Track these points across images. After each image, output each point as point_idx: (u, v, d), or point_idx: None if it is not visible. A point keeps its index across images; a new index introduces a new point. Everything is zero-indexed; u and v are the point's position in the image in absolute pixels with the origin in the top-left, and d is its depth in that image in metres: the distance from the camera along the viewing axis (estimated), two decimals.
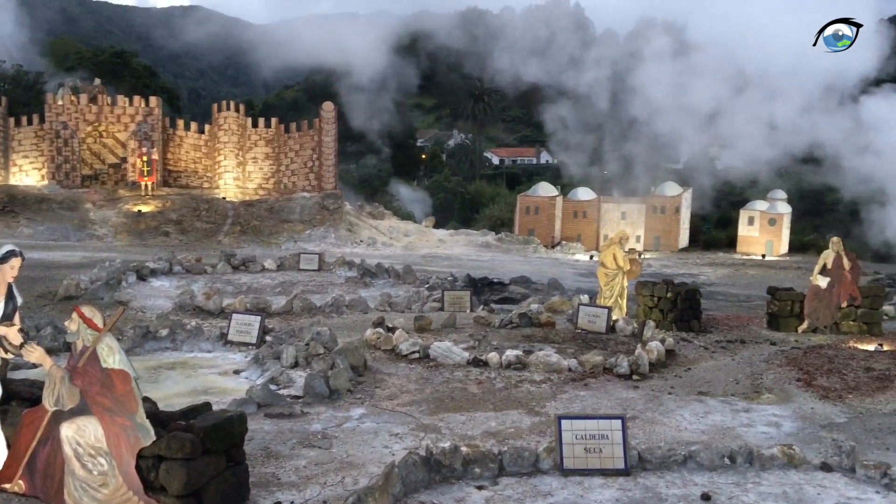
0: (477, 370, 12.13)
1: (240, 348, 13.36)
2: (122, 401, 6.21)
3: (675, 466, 7.90)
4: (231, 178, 41.32)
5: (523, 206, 48.09)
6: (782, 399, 11.07)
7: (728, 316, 19.29)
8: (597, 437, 7.85)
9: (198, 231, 37.26)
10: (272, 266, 25.62)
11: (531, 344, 14.26)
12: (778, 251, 44.95)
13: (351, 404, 10.13)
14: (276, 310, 17.62)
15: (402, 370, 12.12)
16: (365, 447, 8.46)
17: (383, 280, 24.16)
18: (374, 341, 13.62)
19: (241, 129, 41.65)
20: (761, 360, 13.61)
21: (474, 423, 9.56)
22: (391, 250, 36.71)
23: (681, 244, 47.72)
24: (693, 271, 33.99)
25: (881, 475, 7.63)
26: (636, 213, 47.98)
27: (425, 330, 15.16)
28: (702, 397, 11.07)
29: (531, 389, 11.22)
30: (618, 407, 10.33)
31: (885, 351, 14.65)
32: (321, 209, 39.86)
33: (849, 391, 11.49)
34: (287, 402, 10.08)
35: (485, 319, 16.26)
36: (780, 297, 17.19)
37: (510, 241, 41.64)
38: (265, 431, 8.82)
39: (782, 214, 45.81)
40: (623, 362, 12.23)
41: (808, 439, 9.24)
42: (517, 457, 7.77)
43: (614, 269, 17.30)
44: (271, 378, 11.04)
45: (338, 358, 11.21)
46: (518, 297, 21.53)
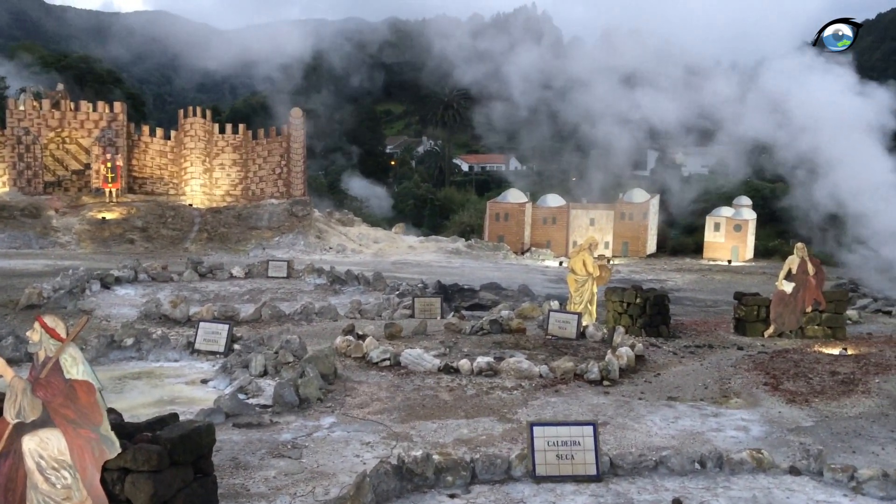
0: (448, 377, 12.09)
1: (207, 357, 13.17)
2: (86, 412, 6.06)
3: (646, 472, 7.93)
4: (198, 185, 40.85)
5: (493, 212, 48.21)
6: (750, 403, 11.19)
7: (696, 321, 19.49)
8: (569, 443, 7.85)
9: (164, 238, 36.75)
10: (240, 274, 25.35)
11: (502, 350, 14.26)
12: (743, 257, 45.61)
13: (321, 413, 10.02)
14: (244, 318, 17.42)
15: (373, 378, 12.03)
16: (335, 456, 8.37)
17: (353, 287, 24.02)
18: (345, 349, 13.51)
19: (208, 135, 41.21)
20: (729, 364, 13.76)
21: (446, 430, 9.51)
22: (361, 257, 36.54)
23: (649, 250, 48.19)
24: (661, 277, 34.33)
25: (848, 478, 7.73)
26: (605, 220, 48.37)
27: (396, 337, 15.09)
28: (671, 402, 11.15)
29: (503, 396, 11.20)
30: (589, 413, 10.36)
31: (850, 355, 14.89)
32: (290, 216, 39.55)
33: (815, 395, 11.65)
34: (256, 411, 9.95)
35: (455, 326, 16.23)
36: (746, 302, 17.41)
37: (480, 248, 41.69)
38: (234, 442, 8.68)
39: (747, 220, 46.51)
40: (593, 368, 12.27)
41: (776, 443, 9.34)
42: (489, 464, 7.74)
43: (584, 276, 17.39)
44: (240, 387, 10.89)
45: (307, 366, 11.09)
46: (488, 303, 21.53)
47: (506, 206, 47.93)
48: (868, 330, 18.55)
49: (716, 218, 47.33)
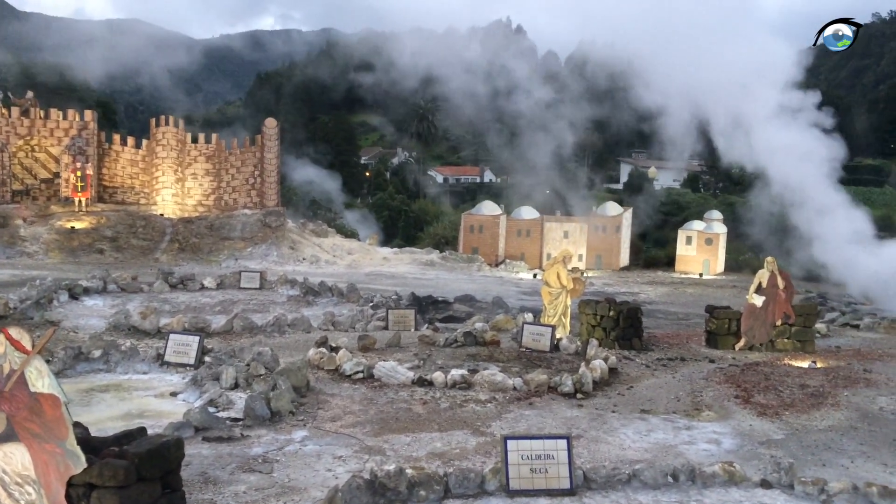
0: (422, 390, 12.03)
1: (177, 369, 12.97)
2: (51, 426, 5.93)
3: (619, 486, 7.93)
4: (169, 195, 40.41)
5: (467, 224, 48.27)
6: (722, 416, 11.26)
7: (668, 334, 19.62)
8: (542, 457, 7.83)
9: (134, 248, 36.27)
10: (212, 284, 25.09)
11: (476, 363, 14.23)
12: (714, 270, 46.09)
13: (293, 426, 9.90)
14: (215, 329, 17.20)
15: (346, 391, 11.93)
16: (307, 471, 8.27)
17: (326, 299, 23.87)
18: (317, 361, 13.39)
19: (181, 144, 40.82)
20: (701, 377, 13.85)
21: (419, 444, 9.45)
22: (335, 268, 36.35)
23: (622, 263, 48.52)
24: (634, 290, 34.56)
25: (819, 491, 7.79)
26: (578, 233, 48.63)
27: (369, 349, 14.99)
28: (644, 415, 11.18)
29: (476, 409, 11.16)
30: (562, 426, 10.35)
31: (819, 368, 15.07)
32: (263, 226, 39.26)
33: (785, 408, 11.75)
34: (226, 424, 9.80)
35: (429, 338, 16.17)
36: (717, 315, 17.57)
37: (454, 260, 41.68)
38: (203, 456, 8.54)
39: (718, 234, 47.03)
40: (567, 381, 12.28)
41: (747, 456, 9.40)
42: (463, 478, 7.69)
43: (558, 288, 17.44)
44: (210, 400, 10.74)
45: (279, 379, 10.97)
46: (463, 315, 21.51)
47: (480, 219, 48.01)
48: (836, 343, 18.80)
49: (687, 231, 47.81)
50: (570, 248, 40.06)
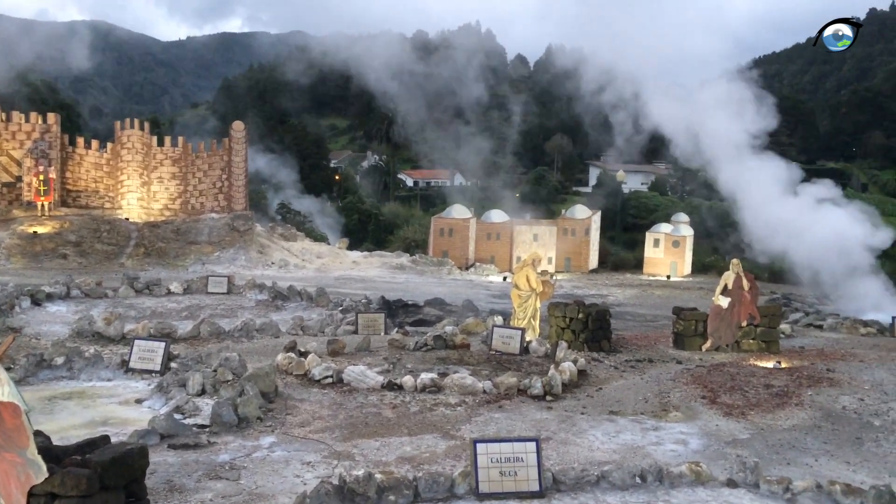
0: (391, 394, 11.99)
1: (142, 376, 12.79)
2: (10, 435, 5.78)
3: (588, 487, 7.97)
4: (135, 199, 39.81)
5: (437, 227, 48.24)
6: (689, 417, 11.37)
7: (637, 335, 19.78)
8: (512, 459, 7.84)
9: (98, 253, 35.66)
10: (178, 289, 24.76)
11: (446, 366, 14.22)
12: (682, 272, 46.59)
13: (261, 432, 9.81)
14: (182, 335, 16.99)
15: (315, 396, 11.84)
16: (275, 477, 8.19)
17: (295, 303, 23.70)
18: (286, 366, 13.29)
19: (146, 147, 40.25)
20: (668, 378, 13.98)
21: (389, 448, 9.41)
22: (304, 272, 36.10)
23: (591, 265, 48.82)
24: (603, 292, 34.79)
25: (783, 490, 7.90)
26: (548, 236, 48.84)
27: (339, 354, 14.91)
28: (613, 417, 11.26)
29: (446, 412, 11.15)
30: (532, 428, 10.38)
31: (783, 368, 15.31)
32: (231, 230, 38.84)
33: (750, 408, 11.91)
34: (193, 431, 9.68)
35: (399, 342, 16.13)
36: (684, 316, 17.76)
37: (424, 263, 41.61)
38: (169, 464, 8.42)
39: (685, 237, 47.55)
40: (537, 383, 12.32)
41: (713, 456, 9.51)
42: (432, 482, 7.68)
43: (527, 291, 17.51)
44: (176, 407, 10.59)
45: (247, 384, 10.86)
46: (433, 319, 21.48)
47: (450, 222, 48.03)
48: (800, 343, 19.11)
49: (655, 234, 48.27)
50: (540, 251, 40.21)
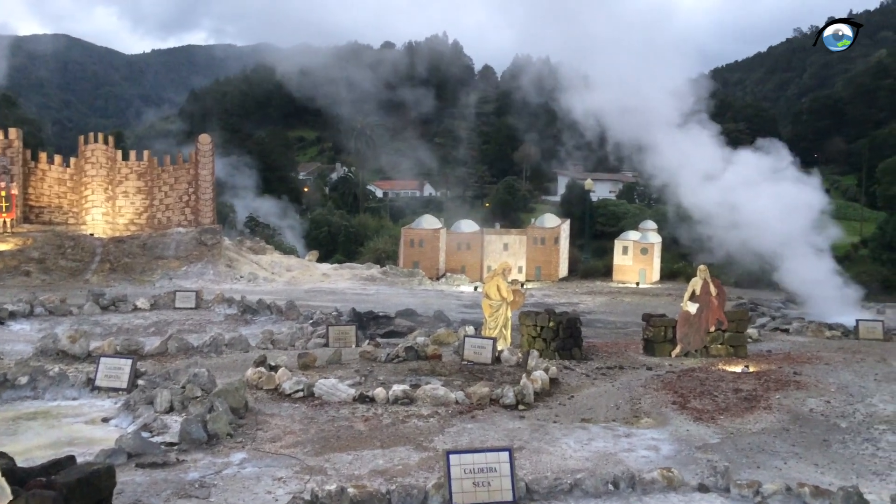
0: (363, 407, 11.91)
1: (109, 394, 12.55)
2: None
3: (561, 495, 7.97)
4: (99, 214, 39.25)
5: (407, 238, 48.22)
6: (660, 422, 11.45)
7: (607, 343, 19.91)
8: (485, 470, 7.82)
9: (63, 270, 35.07)
10: (145, 305, 24.43)
11: (418, 377, 14.18)
12: (650, 279, 47.07)
13: (231, 449, 9.67)
14: (149, 351, 16.73)
15: (286, 410, 11.72)
16: (246, 494, 8.08)
17: (265, 317, 23.49)
18: (256, 381, 13.14)
19: (111, 162, 39.74)
20: (639, 384, 14.08)
21: (361, 461, 9.34)
22: (273, 286, 35.82)
23: (561, 274, 49.12)
24: (573, 300, 35.00)
25: (754, 493, 7.98)
26: (518, 245, 49.06)
27: (310, 367, 14.79)
28: (585, 424, 11.30)
29: (419, 424, 11.10)
30: (505, 438, 10.37)
31: (751, 372, 15.49)
32: (198, 244, 38.43)
33: (720, 412, 12.03)
34: (161, 450, 9.51)
35: (371, 354, 16.05)
36: (654, 323, 17.92)
37: (395, 274, 41.54)
38: (136, 483, 8.26)
39: (653, 244, 48.08)
40: (509, 393, 12.33)
41: (685, 461, 9.58)
42: (406, 495, 7.63)
43: (498, 300, 17.55)
44: (144, 425, 10.41)
45: (216, 400, 10.71)
46: (404, 330, 21.43)
47: (420, 233, 48.02)
48: (767, 347, 19.36)
49: (624, 242, 48.75)
50: (510, 261, 40.36)
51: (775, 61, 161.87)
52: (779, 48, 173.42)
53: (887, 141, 76.49)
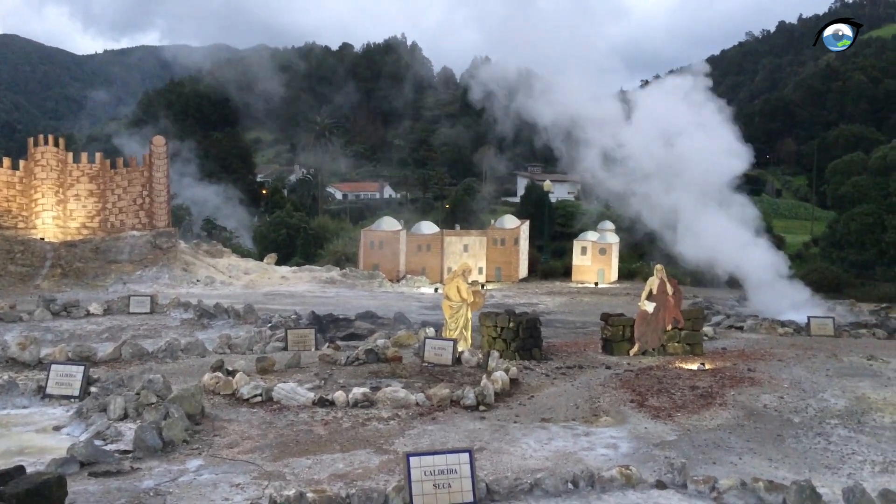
0: (323, 410, 11.81)
1: (60, 402, 12.25)
2: None
3: (521, 495, 8.00)
4: (50, 218, 38.31)
5: (367, 240, 47.98)
6: (618, 421, 11.57)
7: (567, 343, 20.05)
8: (445, 471, 7.81)
9: (12, 275, 34.15)
10: (98, 310, 23.91)
11: (378, 380, 14.12)
12: (609, 279, 47.52)
13: (187, 456, 9.51)
14: (102, 358, 16.36)
15: (244, 415, 11.57)
16: (203, 501, 7.94)
17: (222, 321, 23.15)
18: (213, 386, 12.94)
19: (62, 164, 38.82)
20: (598, 383, 14.21)
21: (321, 466, 9.25)
22: (231, 289, 35.34)
23: (521, 274, 49.33)
24: (533, 300, 35.18)
25: (710, 489, 8.10)
26: (478, 246, 49.15)
27: (268, 371, 14.63)
28: (545, 424, 11.35)
29: (379, 427, 11.05)
30: (465, 439, 10.38)
31: (707, 369, 15.75)
32: (153, 248, 37.74)
33: (677, 409, 12.20)
34: (115, 458, 9.31)
35: (330, 357, 15.93)
36: (612, 322, 18.10)
37: (355, 276, 41.28)
38: (89, 493, 8.07)
39: (611, 244, 48.58)
40: (469, 394, 12.34)
41: (643, 458, 9.68)
42: (366, 499, 7.58)
43: (458, 302, 17.55)
44: (97, 433, 10.19)
45: (172, 406, 10.52)
46: (364, 332, 21.30)
47: (380, 234, 47.84)
48: (723, 345, 19.69)
49: (582, 242, 49.13)
50: (470, 262, 40.39)
51: (728, 64, 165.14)
52: (731, 51, 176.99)
53: (836, 142, 78.55)
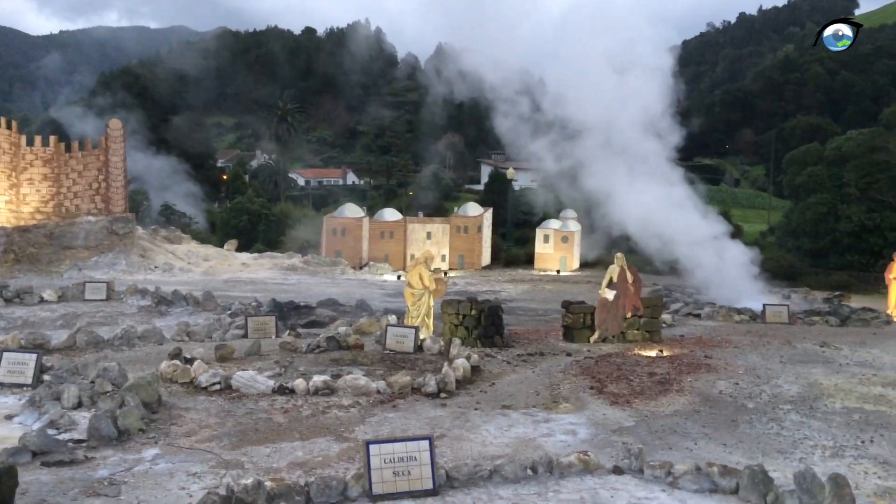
0: (283, 398, 11.72)
1: (12, 390, 11.97)
2: None
3: (481, 482, 8.03)
4: (2, 202, 37.27)
5: (330, 227, 47.64)
6: (578, 407, 11.68)
7: (528, 330, 20.18)
8: (405, 459, 7.81)
9: None
10: (52, 297, 23.41)
11: (340, 367, 14.05)
12: (571, 266, 47.90)
13: (143, 445, 9.37)
14: (56, 345, 16.02)
15: (202, 404, 11.42)
16: (159, 491, 7.83)
17: (181, 308, 22.82)
18: (171, 374, 12.76)
19: (14, 147, 37.76)
20: (558, 370, 14.33)
21: (280, 454, 9.19)
22: (190, 276, 34.83)
23: (483, 262, 49.48)
24: (496, 288, 35.32)
25: (666, 474, 8.23)
26: (441, 233, 49.16)
27: (227, 359, 14.46)
28: (505, 411, 11.42)
29: (339, 415, 11.00)
30: (426, 426, 10.39)
31: (665, 356, 15.99)
32: (109, 234, 37.00)
33: (635, 396, 12.36)
34: (68, 447, 9.13)
35: (291, 345, 15.82)
36: (573, 310, 18.25)
37: (317, 263, 40.97)
38: (42, 483, 7.91)
39: (573, 232, 48.93)
40: (431, 381, 12.35)
41: (601, 444, 9.80)
42: (325, 487, 7.54)
43: (421, 289, 17.54)
44: (50, 422, 9.99)
45: (128, 395, 10.35)
46: (326, 320, 21.18)
47: (343, 221, 47.53)
48: (681, 332, 20.00)
49: (545, 230, 49.42)
50: (433, 249, 40.43)
51: (689, 55, 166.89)
52: (692, 42, 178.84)
53: (794, 132, 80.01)
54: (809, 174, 46.39)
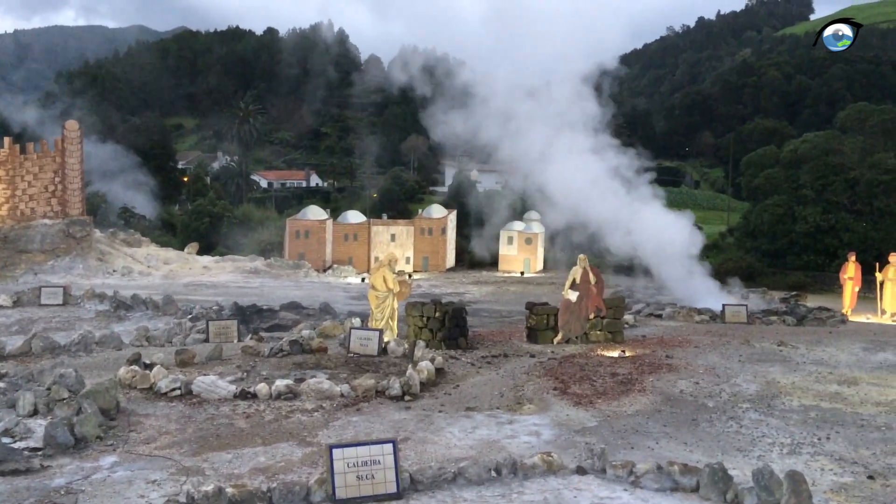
0: (245, 403, 11.60)
1: None
2: None
3: (445, 485, 8.04)
4: None
5: (293, 229, 47.27)
6: (541, 408, 11.74)
7: (492, 332, 20.23)
8: (369, 463, 7.79)
9: None
10: (7, 302, 22.85)
11: (303, 371, 13.94)
12: (535, 268, 48.17)
13: (101, 452, 9.19)
14: (10, 351, 15.65)
15: (162, 410, 11.25)
16: (117, 499, 7.70)
17: (140, 312, 22.44)
18: (129, 380, 12.53)
19: None
20: (522, 372, 14.38)
21: (242, 460, 9.08)
22: (150, 280, 34.28)
23: (448, 264, 49.53)
24: (460, 290, 35.37)
25: (628, 473, 8.32)
26: (405, 235, 49.10)
27: (188, 364, 14.25)
28: (470, 413, 11.43)
29: (302, 419, 10.92)
30: (390, 429, 10.35)
31: (627, 357, 16.14)
32: (66, 237, 36.24)
33: (598, 396, 12.47)
34: (23, 455, 8.93)
35: (253, 349, 15.64)
36: (536, 311, 18.34)
37: (280, 266, 40.61)
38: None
39: (537, 234, 49.22)
40: (395, 384, 12.32)
41: (564, 445, 9.86)
42: (287, 492, 7.49)
43: (385, 292, 17.48)
44: (4, 430, 9.76)
45: (85, 402, 10.16)
46: (289, 323, 21.00)
47: (306, 224, 47.20)
48: (643, 333, 20.20)
49: (509, 232, 49.63)
50: (397, 251, 40.30)
51: (650, 58, 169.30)
52: (653, 45, 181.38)
53: (751, 135, 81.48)
54: (767, 176, 47.28)
